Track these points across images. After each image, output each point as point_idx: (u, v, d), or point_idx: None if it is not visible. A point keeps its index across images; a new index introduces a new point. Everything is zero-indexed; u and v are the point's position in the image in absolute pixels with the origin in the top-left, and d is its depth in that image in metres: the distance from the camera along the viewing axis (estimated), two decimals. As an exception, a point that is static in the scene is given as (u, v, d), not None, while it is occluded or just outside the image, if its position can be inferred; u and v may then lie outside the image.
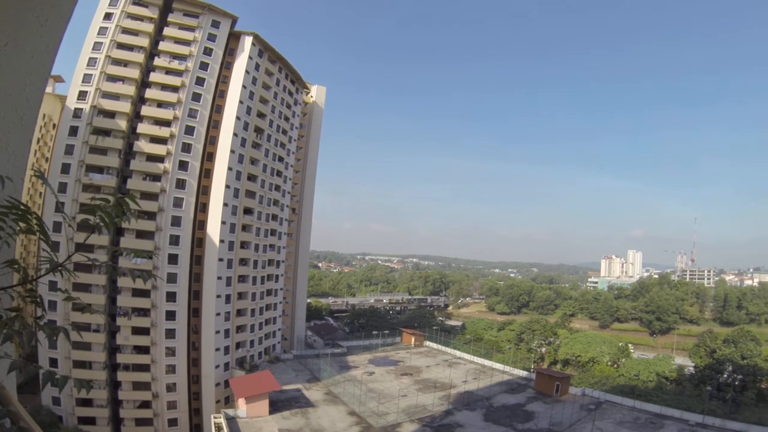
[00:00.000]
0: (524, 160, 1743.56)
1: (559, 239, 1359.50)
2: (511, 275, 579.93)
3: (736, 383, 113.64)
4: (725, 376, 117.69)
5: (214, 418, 74.69)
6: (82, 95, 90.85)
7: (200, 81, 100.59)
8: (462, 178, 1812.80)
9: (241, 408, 75.71)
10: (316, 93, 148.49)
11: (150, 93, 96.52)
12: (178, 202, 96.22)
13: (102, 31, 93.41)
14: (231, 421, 72.81)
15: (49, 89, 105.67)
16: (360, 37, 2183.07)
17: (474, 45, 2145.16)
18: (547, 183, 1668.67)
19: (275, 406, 79.33)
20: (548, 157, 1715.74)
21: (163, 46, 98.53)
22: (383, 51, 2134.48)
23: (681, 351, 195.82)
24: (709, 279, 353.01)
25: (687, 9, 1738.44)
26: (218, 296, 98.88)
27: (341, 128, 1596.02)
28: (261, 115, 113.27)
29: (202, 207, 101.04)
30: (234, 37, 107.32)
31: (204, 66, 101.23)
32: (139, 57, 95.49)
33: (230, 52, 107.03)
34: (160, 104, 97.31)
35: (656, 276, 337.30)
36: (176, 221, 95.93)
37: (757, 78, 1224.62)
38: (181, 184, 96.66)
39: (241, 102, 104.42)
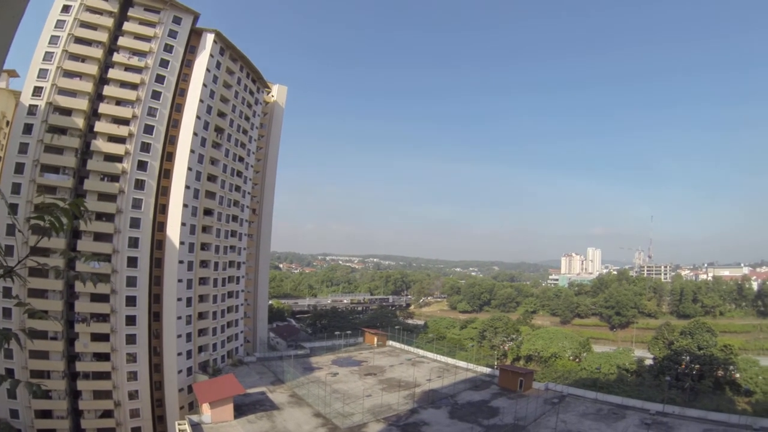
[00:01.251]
0: (485, 160, 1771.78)
1: (520, 238, 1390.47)
2: (473, 274, 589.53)
3: (694, 373, 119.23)
4: (683, 366, 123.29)
5: (179, 424, 74.79)
6: (37, 91, 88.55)
7: (160, 78, 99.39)
8: (423, 178, 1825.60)
9: (206, 413, 75.89)
10: (277, 92, 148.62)
11: (108, 90, 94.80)
12: (137, 204, 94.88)
13: (59, 24, 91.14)
14: (196, 427, 73.00)
15: (2, 84, 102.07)
16: (324, 38, 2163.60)
17: (439, 48, 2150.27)
18: (508, 183, 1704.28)
19: (240, 410, 79.74)
20: (508, 158, 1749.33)
21: (122, 41, 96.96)
22: (348, 53, 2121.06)
23: (640, 344, 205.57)
24: (665, 274, 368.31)
25: (642, 17, 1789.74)
26: (179, 299, 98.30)
27: (302, 128, 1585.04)
28: (221, 115, 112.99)
29: (161, 208, 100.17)
30: (195, 34, 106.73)
31: (164, 63, 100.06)
32: (98, 52, 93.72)
33: (191, 50, 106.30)
34: (119, 102, 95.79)
35: (615, 272, 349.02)
36: (135, 223, 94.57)
37: (709, 83, 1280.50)
38: (140, 184, 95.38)
39: (201, 101, 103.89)
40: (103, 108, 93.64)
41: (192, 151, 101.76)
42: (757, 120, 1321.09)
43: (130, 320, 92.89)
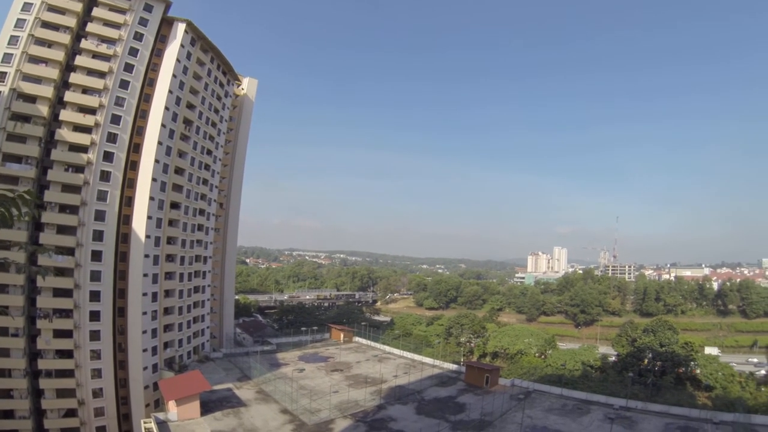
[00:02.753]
0: (452, 157, 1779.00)
1: (487, 236, 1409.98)
2: (439, 271, 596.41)
3: (656, 369, 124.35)
4: (646, 362, 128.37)
5: (144, 423, 74.44)
6: (0, 76, 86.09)
7: (129, 67, 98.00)
8: (390, 174, 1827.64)
9: (172, 411, 75.73)
10: (247, 85, 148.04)
11: (75, 78, 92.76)
12: (102, 196, 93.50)
13: (26, 7, 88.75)
14: (162, 425, 72.73)
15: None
16: (295, 26, 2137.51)
17: (408, 34, 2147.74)
18: (475, 181, 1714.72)
19: (207, 407, 79.79)
20: (476, 156, 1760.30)
21: (91, 27, 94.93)
22: (319, 42, 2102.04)
23: (604, 341, 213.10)
24: (630, 274, 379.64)
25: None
26: (144, 294, 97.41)
27: (271, 120, 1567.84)
28: (190, 106, 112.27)
29: (127, 201, 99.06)
30: (166, 23, 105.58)
31: (134, 52, 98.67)
32: (65, 38, 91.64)
33: (162, 39, 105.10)
34: (86, 90, 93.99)
35: (581, 271, 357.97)
36: (100, 216, 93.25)
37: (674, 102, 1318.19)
38: (105, 176, 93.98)
39: (170, 92, 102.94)
40: (69, 96, 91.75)
41: (160, 143, 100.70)
42: (723, 135, 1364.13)
43: (94, 316, 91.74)
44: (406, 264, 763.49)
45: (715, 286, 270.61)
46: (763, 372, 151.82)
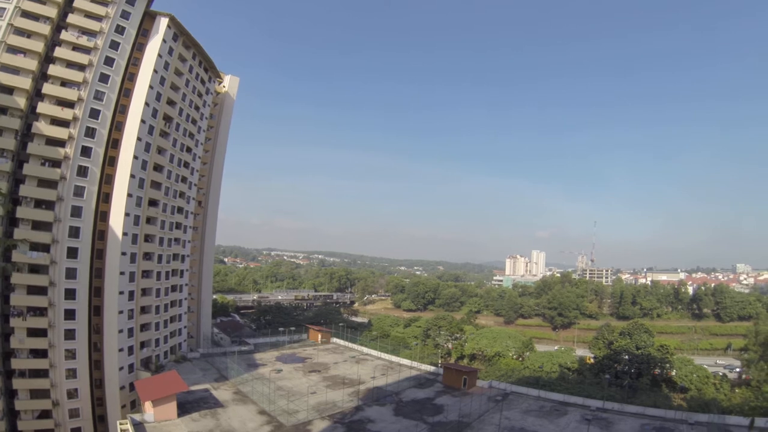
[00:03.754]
0: (432, 160, 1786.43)
1: (466, 239, 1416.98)
2: (417, 273, 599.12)
3: (632, 371, 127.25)
4: (622, 365, 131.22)
5: (120, 424, 73.23)
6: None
7: (109, 61, 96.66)
8: (369, 175, 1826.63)
9: (148, 412, 74.99)
10: (228, 83, 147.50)
11: (54, 70, 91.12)
12: (79, 191, 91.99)
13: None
14: (138, 426, 71.88)
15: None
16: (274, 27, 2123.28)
17: (394, 34, 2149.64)
18: (455, 184, 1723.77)
19: (184, 408, 79.31)
20: (455, 159, 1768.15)
21: (72, 19, 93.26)
22: (303, 41, 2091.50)
23: (581, 343, 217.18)
24: (607, 278, 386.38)
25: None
26: (121, 293, 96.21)
27: (252, 119, 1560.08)
28: (171, 103, 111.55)
29: (104, 197, 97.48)
30: (149, 17, 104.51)
31: (115, 45, 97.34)
32: (45, 28, 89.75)
33: (144, 33, 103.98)
34: (65, 83, 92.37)
35: (558, 275, 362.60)
36: (77, 212, 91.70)
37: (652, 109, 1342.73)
38: (83, 171, 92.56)
39: (151, 87, 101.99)
40: (48, 88, 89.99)
41: (139, 139, 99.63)
42: (700, 143, 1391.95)
43: (69, 314, 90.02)
44: (384, 265, 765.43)
45: (691, 290, 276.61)
46: (736, 370, 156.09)
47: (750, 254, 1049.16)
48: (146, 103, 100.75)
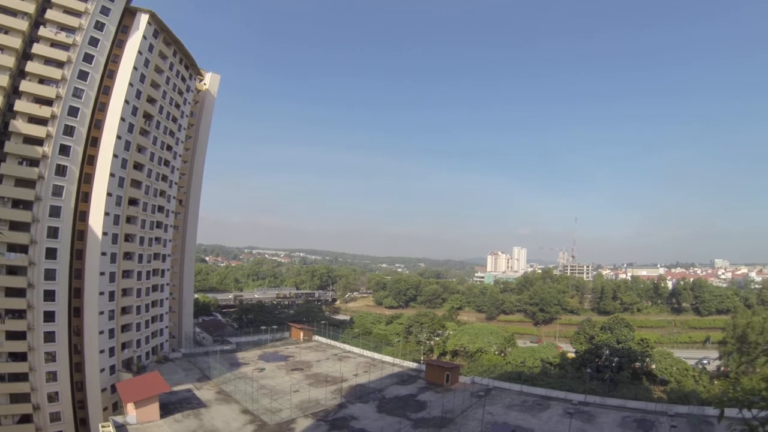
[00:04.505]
0: (413, 157, 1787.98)
1: (447, 236, 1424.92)
2: (399, 270, 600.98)
3: (613, 365, 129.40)
4: (603, 359, 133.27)
5: (102, 427, 73.26)
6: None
7: (89, 58, 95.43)
8: (351, 173, 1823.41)
9: (131, 413, 74.67)
10: (209, 81, 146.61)
11: (32, 66, 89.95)
12: (57, 191, 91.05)
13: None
14: (120, 428, 71.68)
15: None
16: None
17: (375, 32, 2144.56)
18: (436, 181, 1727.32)
19: (166, 409, 79.04)
20: (437, 157, 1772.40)
21: (50, 14, 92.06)
22: (283, 38, 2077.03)
23: (563, 338, 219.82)
24: (588, 273, 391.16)
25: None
26: (101, 293, 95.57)
27: (233, 116, 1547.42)
28: (151, 100, 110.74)
29: (84, 196, 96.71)
30: (129, 13, 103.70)
31: (94, 41, 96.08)
32: (23, 24, 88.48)
33: (124, 30, 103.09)
34: (43, 80, 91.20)
35: (540, 271, 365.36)
36: (55, 211, 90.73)
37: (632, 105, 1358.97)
38: (61, 170, 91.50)
39: (131, 84, 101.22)
40: (25, 86, 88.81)
41: (118, 137, 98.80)
42: (680, 140, 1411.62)
43: (49, 316, 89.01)
44: (365, 263, 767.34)
45: (670, 285, 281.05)
46: (705, 362, 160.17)
47: (728, 250, 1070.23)
48: (126, 101, 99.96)
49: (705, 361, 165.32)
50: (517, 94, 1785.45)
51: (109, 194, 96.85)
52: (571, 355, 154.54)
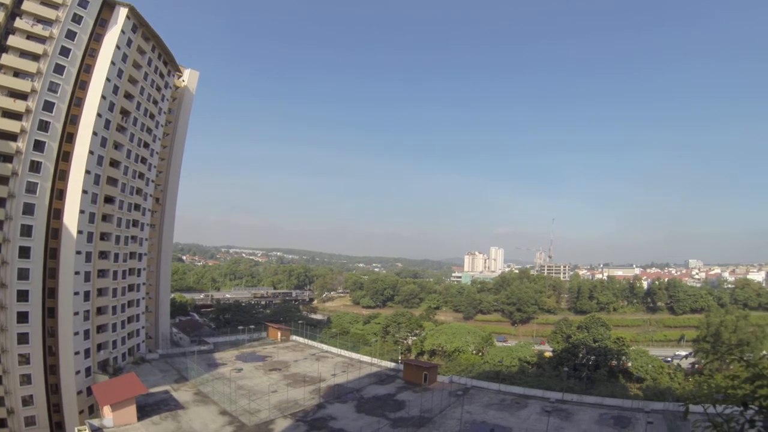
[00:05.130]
0: (390, 157, 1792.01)
1: (424, 236, 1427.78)
2: (376, 270, 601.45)
3: (590, 363, 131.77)
4: (580, 357, 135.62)
5: (78, 430, 71.89)
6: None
7: (65, 51, 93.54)
8: (328, 172, 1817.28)
9: (107, 416, 73.36)
10: (188, 77, 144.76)
11: (6, 59, 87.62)
12: (31, 188, 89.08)
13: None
14: (97, 432, 70.25)
15: None
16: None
17: (353, 31, 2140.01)
18: (413, 181, 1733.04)
19: (143, 411, 77.94)
20: (414, 157, 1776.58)
21: (27, 5, 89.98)
22: (257, 35, 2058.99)
23: (540, 338, 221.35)
24: (564, 273, 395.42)
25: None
26: (76, 293, 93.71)
27: (209, 114, 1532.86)
28: (129, 96, 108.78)
29: (58, 194, 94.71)
30: (108, 7, 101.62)
31: (71, 35, 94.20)
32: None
33: (102, 23, 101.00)
34: (17, 73, 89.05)
35: (517, 271, 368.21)
36: (29, 209, 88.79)
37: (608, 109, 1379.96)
38: (35, 166, 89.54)
39: (108, 80, 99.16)
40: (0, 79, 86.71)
41: (95, 134, 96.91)
42: (657, 143, 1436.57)
43: (22, 317, 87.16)
44: (342, 262, 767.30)
45: (645, 285, 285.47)
46: (675, 359, 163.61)
47: (702, 251, 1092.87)
48: (103, 96, 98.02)
49: (672, 359, 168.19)
50: (494, 95, 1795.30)
51: (84, 192, 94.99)
52: (549, 354, 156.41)
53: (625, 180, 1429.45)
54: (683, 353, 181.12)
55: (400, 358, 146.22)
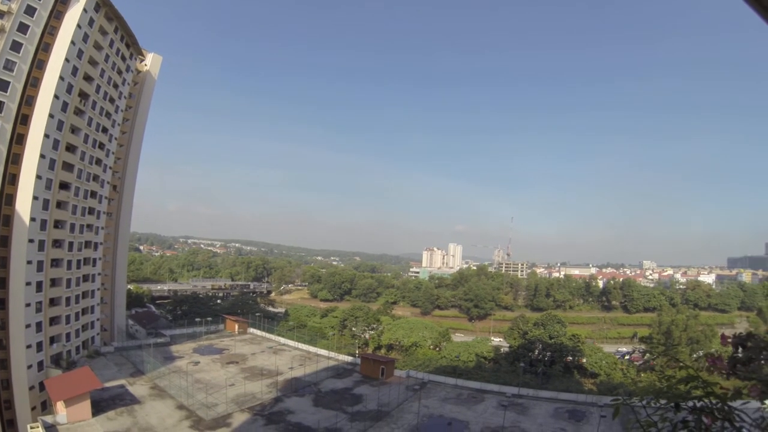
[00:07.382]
0: (348, 152, 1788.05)
1: (383, 231, 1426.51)
2: (334, 263, 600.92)
3: (546, 359, 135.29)
4: (536, 353, 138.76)
5: (31, 428, 69.53)
6: None
7: (23, 28, 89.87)
8: (286, 164, 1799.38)
9: (61, 413, 71.59)
10: (151, 62, 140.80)
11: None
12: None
13: None
14: (50, 429, 68.67)
15: None
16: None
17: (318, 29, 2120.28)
18: (373, 176, 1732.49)
19: (98, 407, 76.38)
20: (376, 152, 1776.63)
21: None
22: (220, 27, 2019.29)
23: (497, 334, 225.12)
24: (522, 271, 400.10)
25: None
26: (28, 284, 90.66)
27: (171, 101, 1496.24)
28: (88, 78, 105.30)
29: (11, 178, 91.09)
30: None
31: (30, 11, 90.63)
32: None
33: (63, 0, 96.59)
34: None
35: (475, 267, 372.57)
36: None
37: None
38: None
39: (67, 60, 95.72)
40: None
41: (51, 116, 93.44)
42: (612, 150, 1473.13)
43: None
44: (301, 255, 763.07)
45: (601, 284, 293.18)
46: (625, 356, 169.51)
47: (655, 252, 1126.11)
48: (61, 77, 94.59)
49: (616, 353, 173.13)
50: (457, 100, 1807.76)
51: (38, 177, 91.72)
52: (505, 349, 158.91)
53: (581, 183, 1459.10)
54: (625, 350, 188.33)
55: (357, 352, 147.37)
